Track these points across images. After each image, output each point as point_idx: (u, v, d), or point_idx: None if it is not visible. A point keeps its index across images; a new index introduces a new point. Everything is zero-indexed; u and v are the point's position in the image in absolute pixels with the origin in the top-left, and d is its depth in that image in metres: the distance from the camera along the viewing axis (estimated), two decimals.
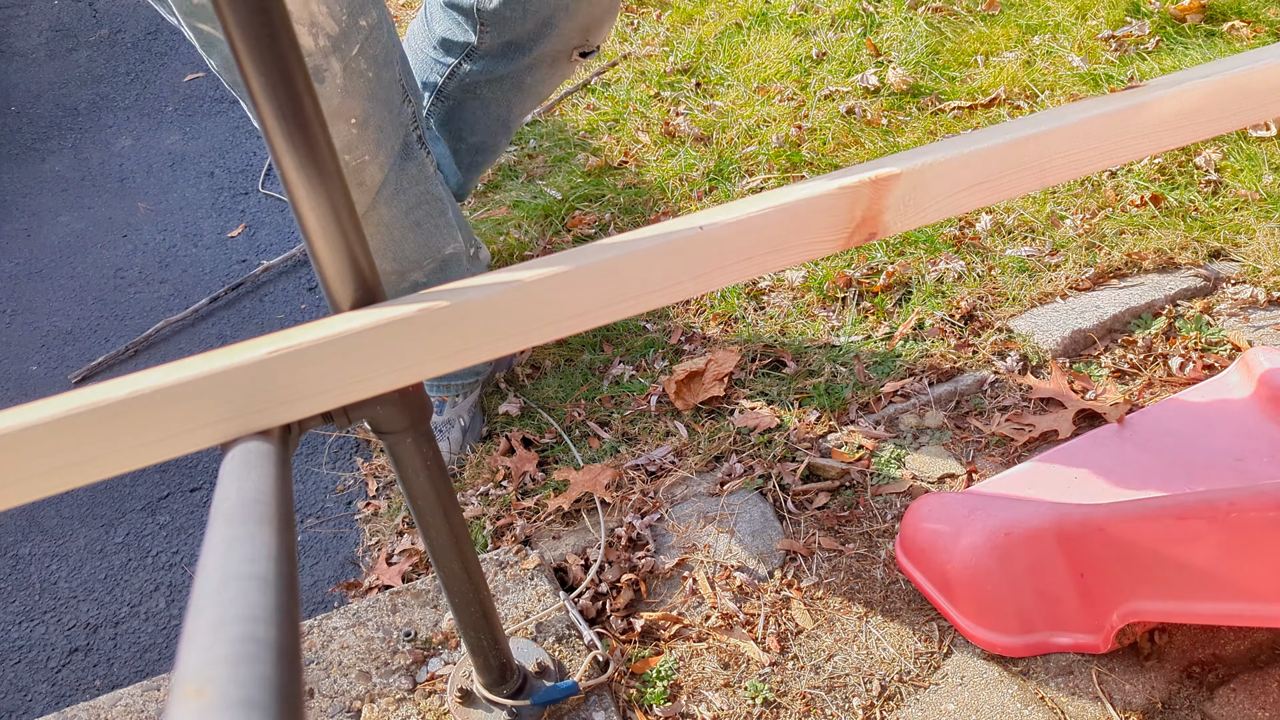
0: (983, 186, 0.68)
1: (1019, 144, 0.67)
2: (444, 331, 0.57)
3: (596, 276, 0.60)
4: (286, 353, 0.53)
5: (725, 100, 2.28)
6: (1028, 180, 0.69)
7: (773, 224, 0.62)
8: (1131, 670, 1.09)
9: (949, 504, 1.20)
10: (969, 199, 0.68)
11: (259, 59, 0.52)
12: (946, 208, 0.68)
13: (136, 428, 0.51)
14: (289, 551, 0.42)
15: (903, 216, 0.67)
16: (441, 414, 1.53)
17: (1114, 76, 2.09)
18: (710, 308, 1.72)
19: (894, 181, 0.65)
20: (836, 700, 1.11)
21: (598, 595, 1.25)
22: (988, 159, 0.67)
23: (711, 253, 0.62)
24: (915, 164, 0.65)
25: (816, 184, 0.64)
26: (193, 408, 0.52)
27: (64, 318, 2.03)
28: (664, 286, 0.62)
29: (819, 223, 0.64)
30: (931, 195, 0.67)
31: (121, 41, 3.08)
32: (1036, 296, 1.61)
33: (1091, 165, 0.71)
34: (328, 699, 1.13)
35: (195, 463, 1.66)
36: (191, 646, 0.33)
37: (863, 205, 0.65)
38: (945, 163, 0.66)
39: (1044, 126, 0.68)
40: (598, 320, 0.62)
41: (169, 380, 0.51)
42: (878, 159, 0.66)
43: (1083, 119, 0.69)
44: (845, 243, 0.66)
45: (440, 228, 1.36)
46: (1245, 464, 1.22)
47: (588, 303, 0.60)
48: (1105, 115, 0.69)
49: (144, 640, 1.39)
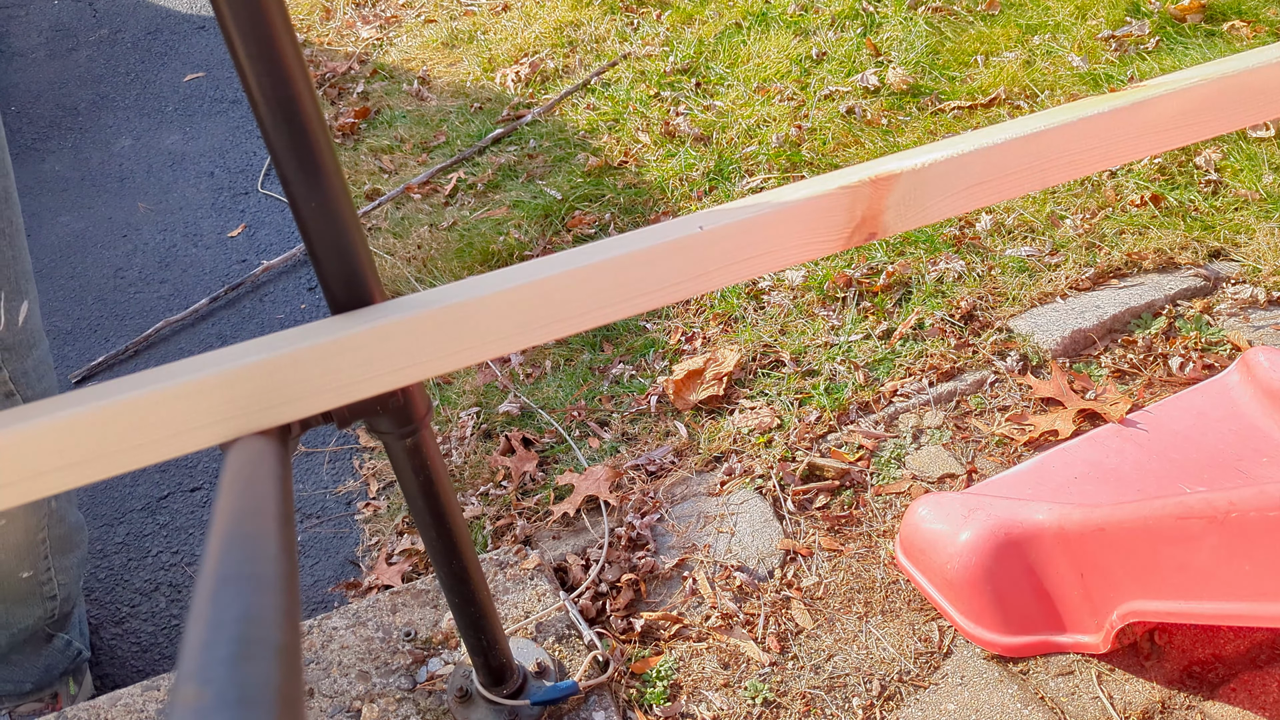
0: (983, 186, 0.68)
1: (1019, 144, 0.67)
2: (444, 332, 0.57)
3: (596, 276, 0.60)
4: (286, 353, 0.53)
5: (725, 100, 2.28)
6: (1027, 180, 0.69)
7: (773, 224, 0.62)
8: (1131, 670, 1.09)
9: (949, 504, 1.20)
10: (969, 199, 0.68)
11: (259, 59, 0.52)
12: (947, 208, 0.68)
13: (136, 428, 0.51)
14: (289, 551, 0.42)
15: (903, 217, 0.67)
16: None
17: (1114, 76, 2.09)
18: (710, 308, 1.72)
19: (894, 181, 0.65)
20: (836, 700, 1.11)
21: (598, 595, 1.25)
22: (988, 159, 0.67)
23: (711, 253, 0.61)
24: (915, 164, 0.65)
25: (817, 184, 0.64)
26: (193, 408, 0.52)
27: (64, 318, 2.03)
28: (664, 286, 0.62)
29: (819, 222, 0.64)
30: (932, 195, 0.67)
31: (121, 41, 3.08)
32: (1036, 296, 1.61)
33: (1091, 166, 0.71)
34: (328, 699, 1.13)
35: (195, 463, 1.66)
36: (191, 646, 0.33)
37: (863, 205, 0.65)
38: (945, 163, 0.65)
39: (1043, 127, 0.68)
40: (598, 320, 0.62)
41: (169, 380, 0.51)
42: (878, 159, 0.66)
43: (1081, 119, 0.68)
44: (846, 243, 0.66)
45: None
46: (1245, 464, 1.22)
47: (588, 303, 0.60)
48: (1104, 115, 0.69)
49: (144, 640, 1.39)
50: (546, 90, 2.52)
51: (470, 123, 2.45)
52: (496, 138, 2.35)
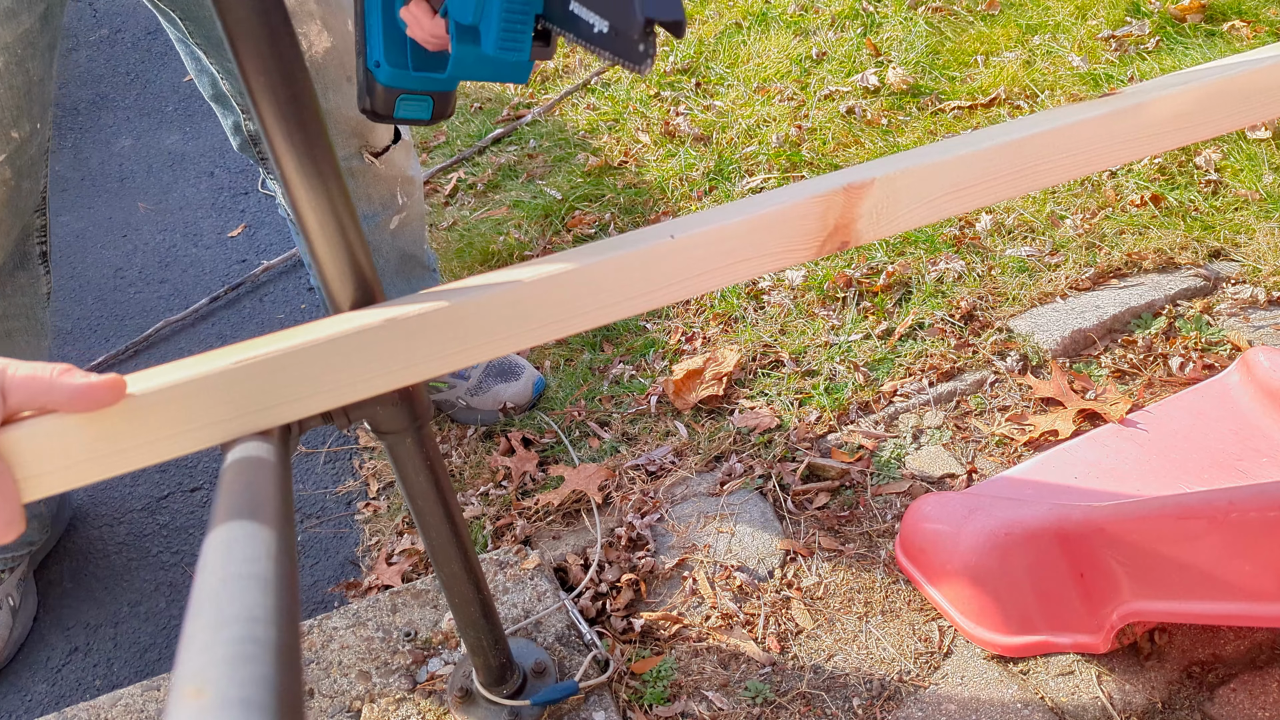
0: (957, 194, 0.67)
1: (993, 152, 0.67)
2: (443, 332, 0.57)
3: (596, 276, 0.60)
4: (286, 353, 0.53)
5: (725, 100, 2.28)
6: (1002, 187, 0.69)
7: (744, 233, 0.62)
8: (1131, 670, 1.09)
9: (949, 504, 1.20)
10: (943, 207, 0.67)
11: (259, 59, 0.52)
12: (920, 216, 0.67)
13: (136, 428, 0.51)
14: (289, 551, 0.42)
15: (876, 225, 0.66)
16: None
17: (1114, 76, 2.09)
18: (710, 308, 1.72)
19: (867, 189, 0.64)
20: (836, 700, 1.11)
21: (598, 595, 1.25)
22: (961, 167, 0.66)
23: (679, 262, 0.61)
24: (888, 172, 0.64)
25: (789, 192, 0.63)
26: (192, 408, 0.52)
27: (64, 317, 2.03)
28: (627, 298, 0.61)
29: (792, 231, 0.63)
30: (905, 203, 0.66)
31: (121, 41, 3.08)
32: (1036, 296, 1.61)
33: (1069, 172, 0.70)
34: (328, 699, 1.13)
35: (195, 463, 1.66)
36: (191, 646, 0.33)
37: (835, 214, 0.64)
38: (919, 170, 0.65)
39: (1018, 134, 0.67)
40: (598, 320, 0.62)
41: (169, 380, 0.51)
42: (851, 167, 0.66)
43: (1059, 126, 0.68)
44: (818, 251, 0.65)
45: (32, 350, 1.33)
46: (1245, 464, 1.22)
47: (588, 303, 0.60)
48: (1084, 122, 0.69)
49: (144, 640, 1.39)
50: (546, 90, 2.53)
51: (470, 122, 2.45)
52: (496, 138, 2.36)
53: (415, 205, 1.45)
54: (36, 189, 1.21)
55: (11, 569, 1.41)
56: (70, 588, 1.48)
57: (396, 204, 1.40)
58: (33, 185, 1.19)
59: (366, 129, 1.29)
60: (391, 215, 1.41)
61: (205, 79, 1.29)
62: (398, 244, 1.45)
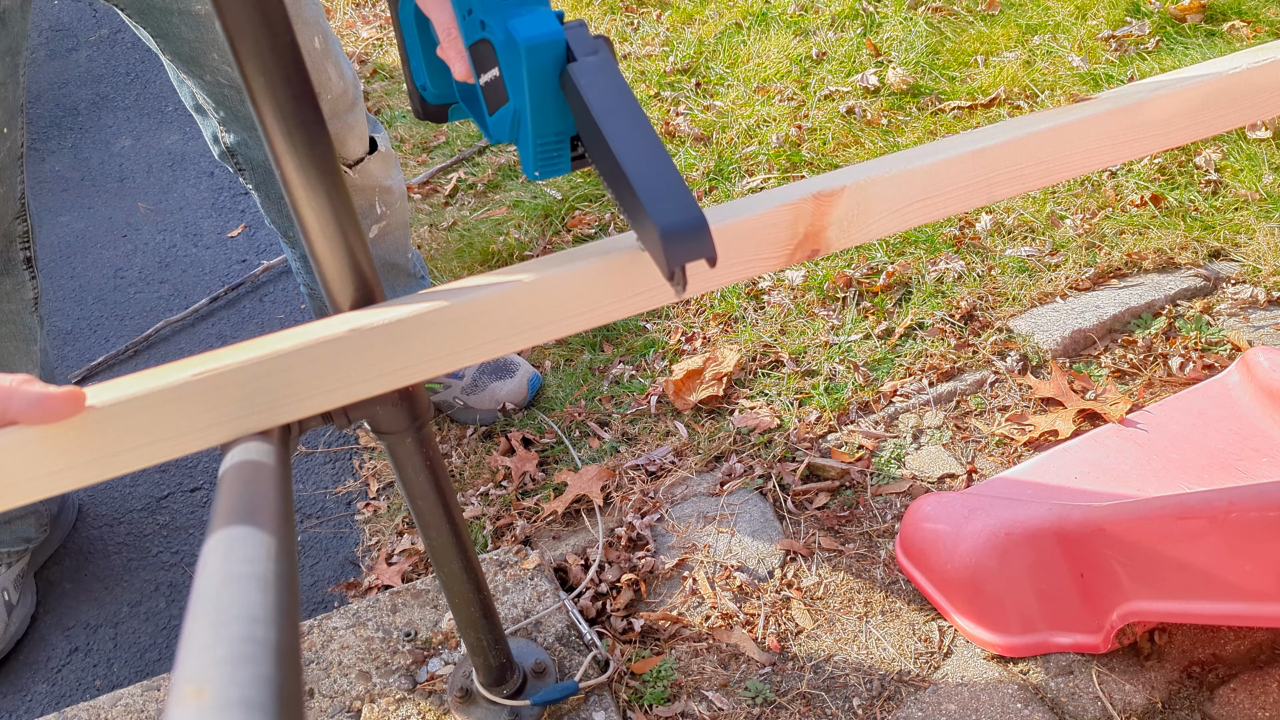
0: (928, 201, 0.67)
1: (963, 159, 0.66)
2: (443, 332, 0.57)
3: (596, 276, 0.60)
4: (286, 353, 0.53)
5: (725, 100, 2.28)
6: (974, 195, 0.68)
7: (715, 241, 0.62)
8: (1131, 670, 1.09)
9: (949, 504, 1.20)
10: (914, 215, 0.67)
11: (259, 59, 0.52)
12: (891, 224, 0.67)
13: (136, 428, 0.51)
14: (289, 551, 0.42)
15: (846, 233, 0.65)
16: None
17: (1114, 76, 2.09)
18: (710, 308, 1.72)
19: (837, 197, 0.63)
20: (836, 700, 1.11)
21: (598, 595, 1.25)
22: (932, 175, 0.66)
23: (649, 268, 0.60)
24: (858, 179, 0.63)
25: (758, 200, 0.63)
26: (192, 408, 0.52)
27: (64, 318, 2.03)
28: (599, 306, 0.61)
29: (761, 239, 0.63)
30: (876, 211, 0.65)
31: (121, 41, 3.08)
32: (1036, 296, 1.61)
33: (1038, 180, 0.70)
34: (328, 699, 1.13)
35: (195, 463, 1.66)
36: (191, 647, 0.33)
37: (805, 222, 0.63)
38: (889, 178, 0.64)
39: (988, 142, 0.66)
40: (597, 320, 0.62)
41: (169, 380, 0.51)
42: (820, 175, 0.65)
43: (1028, 134, 0.67)
44: (787, 260, 0.65)
45: (21, 355, 1.32)
46: (1245, 464, 1.22)
47: (588, 303, 0.60)
48: (1051, 130, 0.68)
49: (144, 640, 1.39)
50: None
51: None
52: None
53: (396, 215, 1.46)
54: (13, 195, 1.20)
55: (9, 565, 1.41)
56: (70, 588, 1.48)
57: (375, 214, 1.42)
58: (8, 192, 1.18)
59: (339, 140, 1.29)
60: (370, 225, 1.42)
61: (185, 89, 1.29)
62: (379, 253, 1.47)
